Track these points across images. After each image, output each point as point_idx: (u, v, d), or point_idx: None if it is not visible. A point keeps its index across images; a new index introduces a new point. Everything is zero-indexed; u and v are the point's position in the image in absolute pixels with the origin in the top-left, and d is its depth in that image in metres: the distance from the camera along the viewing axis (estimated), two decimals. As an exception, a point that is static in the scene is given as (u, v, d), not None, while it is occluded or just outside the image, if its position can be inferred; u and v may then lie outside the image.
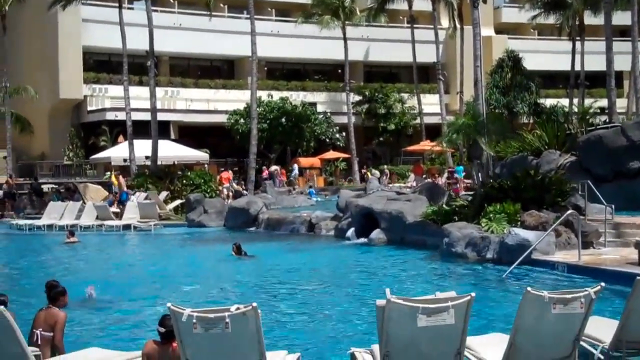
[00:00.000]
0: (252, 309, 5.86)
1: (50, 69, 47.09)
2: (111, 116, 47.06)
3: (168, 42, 47.74)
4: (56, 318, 7.53)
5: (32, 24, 47.30)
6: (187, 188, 32.16)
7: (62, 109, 48.50)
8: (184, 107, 51.38)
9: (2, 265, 19.69)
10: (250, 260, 17.87)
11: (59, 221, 28.48)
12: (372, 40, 57.56)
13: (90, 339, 7.99)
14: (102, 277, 15.53)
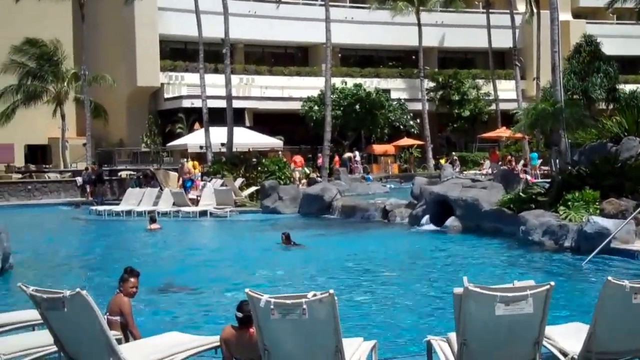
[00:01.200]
0: (329, 296, 5.85)
1: (127, 57, 48.04)
2: (187, 104, 47.77)
3: (243, 29, 48.09)
4: (120, 304, 7.67)
5: (110, 12, 48.30)
6: (262, 175, 32.40)
7: (139, 96, 49.45)
8: (258, 94, 51.76)
9: (87, 250, 20.23)
10: (299, 249, 17.76)
11: (137, 207, 29.06)
12: (446, 26, 56.87)
13: (169, 324, 8.13)
14: (182, 263, 15.80)
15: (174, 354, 6.77)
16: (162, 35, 48.76)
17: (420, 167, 49.32)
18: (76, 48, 47.77)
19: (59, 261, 17.64)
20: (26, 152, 50.07)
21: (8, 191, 38.07)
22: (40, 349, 7.14)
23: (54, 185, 39.50)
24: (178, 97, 49.41)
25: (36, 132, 47.80)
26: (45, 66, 44.71)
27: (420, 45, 50.24)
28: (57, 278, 14.29)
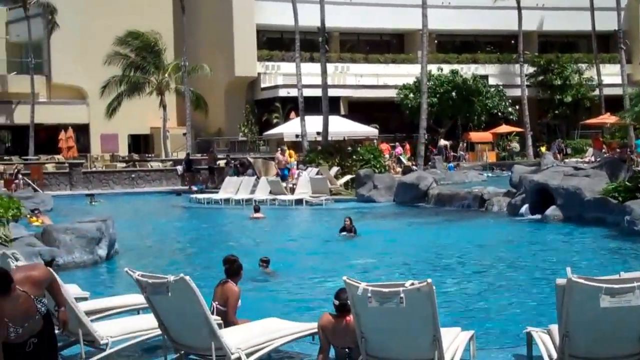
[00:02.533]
0: (426, 285, 5.82)
1: (225, 47, 48.82)
2: (283, 93, 48.21)
3: (338, 17, 48.08)
4: (229, 293, 7.80)
5: (209, 4, 49.19)
6: (357, 163, 32.43)
7: (237, 86, 50.23)
8: (353, 82, 51.75)
9: (190, 237, 20.72)
10: (359, 238, 17.64)
11: (235, 195, 29.57)
12: (547, 9, 55.36)
13: (268, 310, 8.25)
14: (283, 251, 15.98)
15: (273, 340, 6.89)
16: (259, 25, 49.32)
17: (519, 155, 48.29)
18: (176, 39, 48.90)
19: (162, 247, 18.15)
20: (130, 142, 51.65)
21: (113, 179, 39.40)
22: (145, 332, 7.38)
23: (156, 174, 40.62)
24: (274, 86, 49.92)
25: (139, 122, 49.22)
26: (147, 57, 45.92)
27: (519, 29, 49.11)
28: (160, 264, 14.71)
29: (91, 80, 46.76)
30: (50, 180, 37.55)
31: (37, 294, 4.89)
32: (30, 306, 4.85)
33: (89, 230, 14.84)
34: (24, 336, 4.91)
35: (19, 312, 4.80)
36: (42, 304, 4.94)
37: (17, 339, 4.90)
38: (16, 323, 4.80)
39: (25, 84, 45.62)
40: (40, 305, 4.91)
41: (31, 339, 4.94)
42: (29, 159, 42.12)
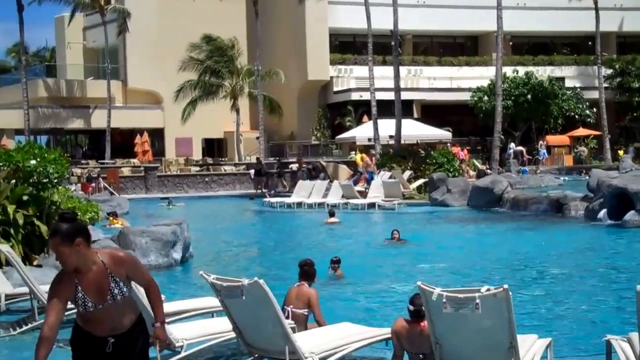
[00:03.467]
0: (503, 291, 5.70)
1: (298, 51, 49.11)
2: (356, 96, 48.23)
3: (411, 20, 47.83)
4: (308, 295, 7.78)
5: (282, 8, 49.56)
6: (430, 167, 32.16)
7: (309, 90, 50.46)
8: (427, 85, 51.41)
9: (263, 241, 20.82)
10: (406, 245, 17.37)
11: (307, 199, 29.65)
12: (626, 9, 54.01)
13: (340, 314, 8.23)
14: (357, 255, 15.93)
15: (347, 344, 6.85)
16: (332, 28, 49.48)
17: (596, 159, 47.15)
18: (250, 44, 49.45)
19: (236, 251, 18.29)
20: (203, 146, 52.43)
21: (187, 183, 40.06)
22: (219, 334, 7.43)
23: (229, 178, 41.12)
24: (347, 90, 49.97)
25: (213, 126, 49.90)
26: (221, 62, 46.53)
27: (597, 30, 47.99)
28: (234, 267, 14.83)
29: (166, 85, 47.64)
30: (126, 184, 38.40)
31: (114, 271, 4.59)
32: (103, 280, 4.56)
33: (164, 234, 15.05)
34: (102, 329, 4.66)
35: (91, 280, 4.55)
36: (118, 286, 4.61)
37: (97, 330, 4.67)
38: (87, 292, 4.55)
39: (102, 89, 46.77)
40: (114, 285, 4.58)
41: (110, 338, 4.66)
42: (105, 163, 43.15)
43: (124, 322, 4.73)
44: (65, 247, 4.46)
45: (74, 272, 4.56)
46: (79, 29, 53.50)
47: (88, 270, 4.56)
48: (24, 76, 43.98)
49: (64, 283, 4.57)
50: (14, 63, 66.64)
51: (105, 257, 4.61)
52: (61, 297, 4.56)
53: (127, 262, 4.73)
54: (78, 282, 4.56)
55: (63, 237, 4.46)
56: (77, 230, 4.53)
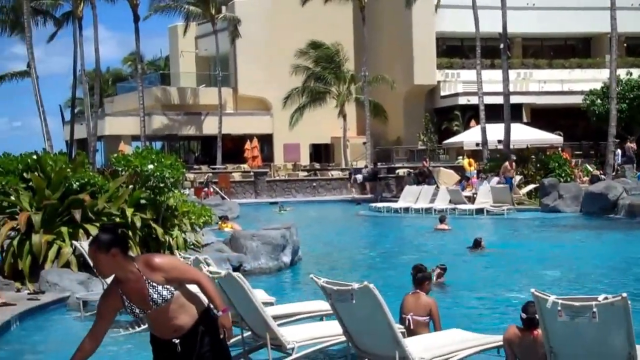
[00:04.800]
0: (621, 300, 5.52)
1: (405, 56, 48.94)
2: (463, 101, 47.67)
3: (521, 22, 46.87)
4: (429, 304, 7.77)
5: (389, 14, 49.50)
6: (541, 172, 31.44)
7: (416, 95, 50.19)
8: (536, 89, 50.29)
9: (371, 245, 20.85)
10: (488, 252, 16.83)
11: (414, 204, 29.51)
12: None
13: (446, 321, 8.14)
14: (467, 262, 15.77)
15: (457, 351, 6.79)
16: (439, 32, 49.08)
17: None
18: (356, 50, 49.63)
19: (344, 255, 18.41)
20: (311, 151, 52.93)
21: (295, 188, 40.58)
22: (330, 338, 7.50)
23: (336, 183, 41.42)
24: (454, 94, 49.46)
25: (320, 132, 50.31)
26: (328, 68, 46.88)
27: None
28: (342, 271, 14.94)
29: (275, 92, 48.39)
30: (236, 189, 39.22)
31: (149, 277, 4.70)
32: (141, 286, 4.70)
33: (274, 237, 15.32)
34: (163, 332, 4.83)
35: (131, 289, 4.73)
36: (156, 291, 4.70)
37: (160, 333, 4.85)
38: (131, 300, 4.76)
39: (214, 96, 47.94)
40: (152, 291, 4.70)
41: (174, 339, 4.80)
42: (217, 168, 44.19)
43: (181, 323, 4.82)
44: (101, 255, 4.68)
45: (118, 284, 4.79)
46: (191, 38, 55.07)
47: (126, 280, 4.74)
48: (140, 84, 45.56)
49: (110, 296, 4.86)
50: (130, 72, 69.20)
51: (140, 265, 4.75)
52: (108, 308, 4.86)
53: (162, 267, 4.78)
54: (122, 292, 4.79)
55: (99, 246, 4.69)
56: (113, 240, 4.72)
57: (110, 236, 4.74)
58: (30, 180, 13.82)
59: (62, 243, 12.87)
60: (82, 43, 46.84)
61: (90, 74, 48.22)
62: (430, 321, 7.77)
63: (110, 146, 46.39)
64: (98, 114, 47.25)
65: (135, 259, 4.79)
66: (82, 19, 46.38)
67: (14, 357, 8.98)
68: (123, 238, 4.88)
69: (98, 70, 47.80)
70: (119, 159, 14.96)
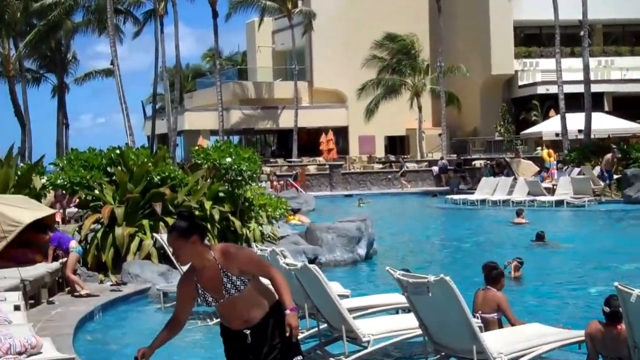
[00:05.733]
0: None
1: (481, 46, 48.24)
2: (542, 90, 46.76)
3: (602, 9, 45.46)
4: (497, 300, 7.67)
5: (465, 3, 48.85)
6: (623, 162, 30.58)
7: (493, 85, 49.43)
8: (618, 77, 48.89)
9: (447, 238, 20.68)
10: None
11: (491, 196, 29.10)
12: None
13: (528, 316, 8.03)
14: (546, 256, 15.51)
15: (537, 346, 6.67)
16: (516, 21, 48.18)
17: None
18: (432, 40, 49.17)
19: (420, 248, 18.32)
20: (386, 143, 52.73)
21: (370, 180, 40.53)
22: (405, 331, 7.47)
23: (411, 175, 41.18)
24: (532, 83, 48.54)
25: (395, 124, 50.07)
26: (403, 60, 46.59)
27: None
28: (418, 264, 14.86)
29: (350, 84, 48.38)
30: (312, 182, 39.41)
31: (225, 266, 4.72)
32: (217, 276, 4.72)
33: (349, 230, 15.36)
34: (234, 322, 4.83)
35: (206, 277, 4.76)
36: (231, 281, 4.72)
37: (231, 324, 4.85)
38: (205, 288, 4.78)
39: (289, 89, 48.25)
40: (226, 280, 4.72)
41: (245, 330, 4.81)
42: (292, 161, 44.48)
43: (253, 315, 4.82)
44: (181, 242, 4.68)
45: (194, 271, 4.79)
46: (268, 33, 55.52)
47: (202, 267, 4.75)
48: (218, 80, 46.19)
49: (185, 283, 4.86)
50: (208, 67, 70.23)
51: (216, 254, 4.75)
52: (184, 295, 4.87)
53: (238, 257, 4.79)
54: (197, 280, 4.79)
55: (180, 233, 4.68)
56: (193, 227, 4.73)
57: (190, 223, 4.76)
58: (114, 174, 14.21)
59: (144, 235, 13.20)
60: (163, 40, 47.83)
61: (171, 71, 49.10)
62: (499, 318, 7.65)
63: (190, 141, 47.18)
64: (178, 110, 48.17)
65: (212, 247, 4.81)
66: (164, 16, 47.28)
67: (98, 347, 9.26)
68: (202, 226, 4.94)
69: (178, 66, 48.66)
70: (198, 153, 15.24)
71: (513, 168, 34.83)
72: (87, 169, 14.47)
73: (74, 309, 10.31)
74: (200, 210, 13.81)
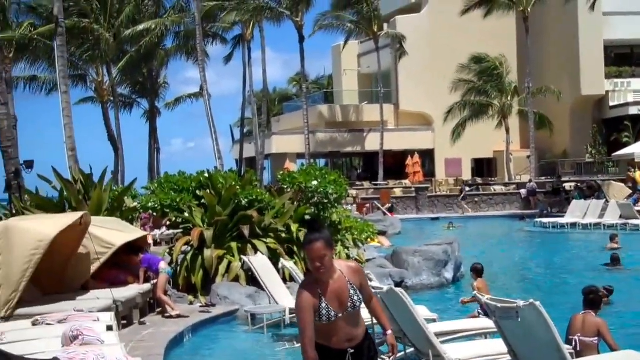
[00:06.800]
0: None
1: (571, 66, 47.29)
2: (634, 111, 45.55)
3: None
4: (598, 325, 7.52)
5: (553, 23, 48.03)
6: None
7: (582, 105, 48.32)
8: None
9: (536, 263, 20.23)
10: None
11: (582, 220, 28.41)
12: None
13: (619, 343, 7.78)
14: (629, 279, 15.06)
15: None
16: (606, 40, 47.03)
17: None
18: (519, 61, 48.51)
19: (508, 272, 17.99)
20: (473, 166, 52.13)
21: (457, 203, 40.10)
22: (493, 357, 7.38)
23: (499, 198, 40.58)
24: (624, 104, 47.25)
25: (482, 146, 49.49)
26: (490, 81, 46.09)
27: None
28: (507, 289, 14.62)
29: (436, 106, 48.14)
30: (397, 204, 39.26)
31: (351, 279, 4.73)
32: (344, 288, 4.69)
33: (436, 253, 15.26)
34: (339, 340, 4.75)
35: (333, 289, 4.68)
36: (356, 294, 4.73)
37: (335, 343, 4.76)
38: (330, 301, 4.67)
39: (375, 112, 48.28)
40: (353, 292, 4.70)
41: (349, 348, 4.74)
42: (378, 184, 44.43)
43: (358, 332, 4.82)
44: (328, 251, 4.60)
45: (315, 283, 4.69)
46: (353, 56, 55.86)
47: (329, 280, 4.68)
48: (305, 103, 46.64)
49: (309, 296, 4.69)
50: (295, 91, 71.03)
51: (342, 267, 4.75)
52: (310, 310, 4.69)
53: (362, 272, 4.86)
54: (321, 292, 4.68)
55: (327, 242, 4.62)
56: (331, 237, 4.71)
57: (329, 233, 4.72)
58: (203, 197, 14.51)
59: (232, 258, 13.41)
60: (251, 65, 48.66)
61: (258, 95, 49.91)
62: (599, 343, 7.47)
63: (277, 163, 47.73)
64: (265, 133, 48.80)
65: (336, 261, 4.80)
66: (251, 41, 48.15)
67: (188, 366, 9.44)
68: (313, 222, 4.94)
69: (266, 90, 49.36)
70: (284, 177, 15.43)
71: (604, 190, 33.92)
72: (177, 192, 14.83)
73: (165, 329, 10.54)
74: (287, 232, 13.95)
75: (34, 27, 37.14)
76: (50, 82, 41.03)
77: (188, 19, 42.31)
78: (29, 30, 36.04)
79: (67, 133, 21.13)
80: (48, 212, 13.43)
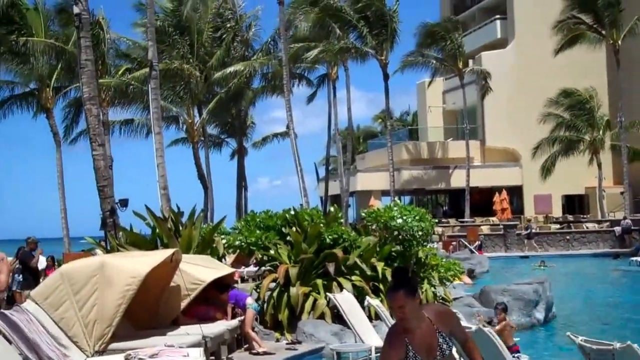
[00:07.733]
0: None
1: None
2: None
3: None
4: None
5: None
6: None
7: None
8: None
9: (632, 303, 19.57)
10: None
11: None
12: None
13: None
14: None
15: None
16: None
17: None
18: (610, 95, 47.41)
19: (602, 313, 17.44)
20: (563, 202, 50.92)
21: (547, 241, 39.22)
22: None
23: (592, 235, 39.50)
24: None
25: (573, 182, 48.35)
26: (580, 116, 45.16)
27: None
28: (600, 330, 14.14)
29: (523, 142, 47.43)
30: (485, 242, 38.62)
31: (440, 327, 4.51)
32: (432, 337, 4.48)
33: (525, 292, 14.90)
34: None
35: (421, 338, 4.48)
36: (446, 342, 4.52)
37: None
38: (418, 351, 4.47)
39: (461, 149, 47.88)
40: (442, 341, 4.50)
41: None
42: (465, 222, 43.85)
43: None
44: (408, 300, 4.40)
45: (402, 332, 4.49)
46: (438, 93, 55.74)
47: (417, 328, 4.47)
48: (389, 140, 46.63)
49: (395, 345, 4.52)
50: (379, 129, 71.15)
51: (430, 313, 4.53)
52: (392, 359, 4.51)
53: (453, 317, 4.66)
54: (408, 341, 4.49)
55: (408, 290, 4.42)
56: (416, 285, 4.51)
57: (414, 279, 4.55)
58: (288, 234, 14.62)
59: (317, 295, 13.43)
60: (336, 104, 49.06)
61: (343, 133, 50.17)
62: None
63: (362, 201, 47.75)
64: (350, 171, 48.93)
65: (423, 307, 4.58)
66: (336, 80, 48.61)
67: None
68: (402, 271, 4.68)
69: (350, 128, 49.61)
70: (369, 214, 15.41)
71: None
72: (262, 230, 15.00)
73: (252, 366, 10.61)
74: (372, 271, 13.90)
75: (129, 70, 38.49)
76: (144, 124, 42.30)
77: (275, 60, 43.02)
78: (125, 76, 37.36)
79: (160, 172, 21.69)
80: (141, 248, 13.76)
